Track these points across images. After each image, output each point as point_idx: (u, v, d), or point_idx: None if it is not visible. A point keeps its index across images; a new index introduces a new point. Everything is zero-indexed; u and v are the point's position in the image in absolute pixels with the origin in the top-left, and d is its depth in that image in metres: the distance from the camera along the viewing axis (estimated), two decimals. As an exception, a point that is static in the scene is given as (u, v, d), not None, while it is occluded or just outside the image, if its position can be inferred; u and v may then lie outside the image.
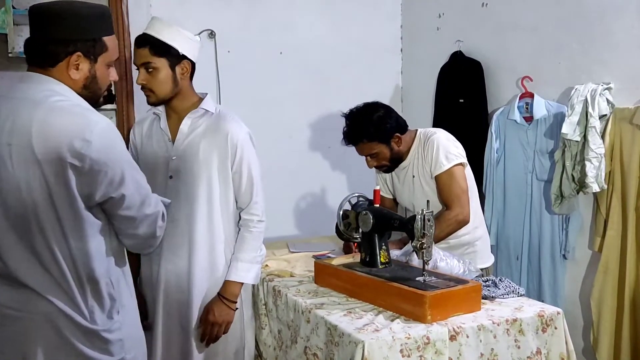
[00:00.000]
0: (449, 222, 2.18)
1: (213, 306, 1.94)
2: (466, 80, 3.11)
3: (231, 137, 1.94)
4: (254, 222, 1.99)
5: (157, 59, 1.86)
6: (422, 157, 2.29)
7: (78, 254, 1.31)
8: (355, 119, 2.29)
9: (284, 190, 3.31)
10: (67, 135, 1.24)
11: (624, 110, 2.42)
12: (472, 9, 3.15)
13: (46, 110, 1.26)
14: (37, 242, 1.28)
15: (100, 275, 1.35)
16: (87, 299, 1.33)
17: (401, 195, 2.45)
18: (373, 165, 2.34)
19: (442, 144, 2.24)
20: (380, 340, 1.58)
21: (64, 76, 1.35)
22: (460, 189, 2.21)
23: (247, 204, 1.98)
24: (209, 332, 1.94)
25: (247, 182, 1.97)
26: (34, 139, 1.23)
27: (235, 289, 1.96)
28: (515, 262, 2.91)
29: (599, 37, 2.54)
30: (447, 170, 2.21)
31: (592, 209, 2.63)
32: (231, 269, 1.96)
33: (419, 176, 2.31)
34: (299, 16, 3.35)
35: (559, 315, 1.82)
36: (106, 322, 1.36)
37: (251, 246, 1.98)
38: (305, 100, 3.38)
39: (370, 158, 2.31)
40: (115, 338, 1.38)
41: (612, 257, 2.49)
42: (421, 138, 2.31)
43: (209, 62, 3.13)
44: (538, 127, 2.77)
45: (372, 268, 1.99)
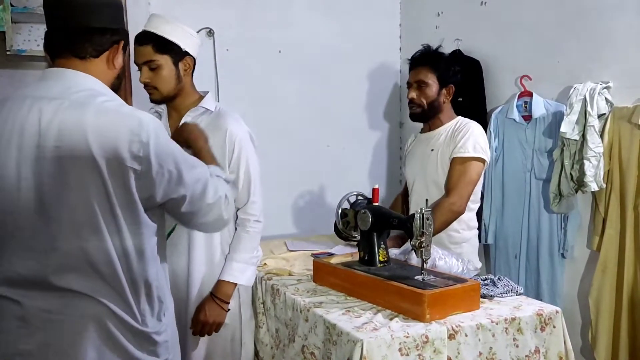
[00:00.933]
0: (443, 210, 2.17)
1: (205, 305, 1.92)
2: (465, 78, 3.10)
3: (230, 135, 1.92)
4: (251, 222, 1.97)
5: (160, 56, 1.86)
6: (451, 137, 2.30)
7: (133, 257, 1.29)
8: (432, 49, 2.39)
9: (282, 188, 3.31)
10: (125, 139, 1.22)
11: (623, 109, 2.42)
12: (471, 7, 3.15)
13: (97, 112, 1.23)
14: (90, 245, 1.24)
15: (153, 279, 1.34)
16: (140, 302, 1.31)
17: (408, 168, 2.49)
18: (413, 95, 2.33)
19: (476, 133, 2.28)
20: (379, 339, 1.58)
21: (101, 67, 1.33)
22: (468, 180, 2.22)
23: (244, 203, 1.97)
24: (198, 331, 1.93)
25: (245, 181, 1.95)
26: (91, 142, 1.20)
27: (228, 289, 1.94)
28: (513, 261, 2.91)
29: (598, 36, 2.54)
30: (467, 158, 2.22)
31: (590, 208, 2.63)
32: (225, 269, 1.94)
33: (438, 152, 2.32)
34: (297, 14, 3.35)
35: (557, 314, 1.82)
36: (156, 325, 1.36)
37: (247, 246, 1.97)
38: (304, 98, 3.38)
39: (417, 87, 2.33)
40: (163, 340, 1.37)
41: (611, 256, 2.49)
42: (459, 121, 2.36)
43: (207, 60, 3.12)
44: (537, 126, 2.77)
45: (370, 267, 1.98)
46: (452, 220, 2.22)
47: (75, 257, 1.24)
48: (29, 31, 2.69)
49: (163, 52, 1.86)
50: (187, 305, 1.95)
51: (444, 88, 2.33)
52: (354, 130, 3.56)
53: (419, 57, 2.37)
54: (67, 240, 1.24)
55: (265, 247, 2.64)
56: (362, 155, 3.60)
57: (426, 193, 2.31)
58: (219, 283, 1.94)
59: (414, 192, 2.43)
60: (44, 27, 1.36)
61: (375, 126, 3.62)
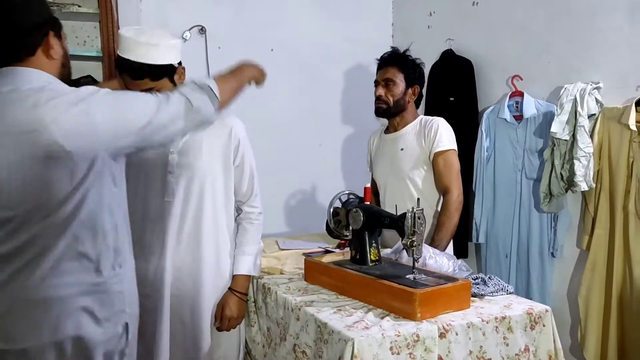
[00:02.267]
0: (455, 205, 2.31)
1: (229, 301, 1.98)
2: (457, 78, 3.12)
3: (235, 132, 1.98)
4: (255, 215, 2.06)
5: (157, 83, 1.83)
6: (420, 134, 2.39)
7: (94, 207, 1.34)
8: (400, 51, 2.49)
9: (274, 187, 3.30)
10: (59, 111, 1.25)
11: (613, 109, 2.44)
12: (463, 7, 3.16)
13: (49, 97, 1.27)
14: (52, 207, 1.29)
15: (108, 229, 1.38)
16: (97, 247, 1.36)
17: (377, 167, 2.56)
18: (380, 93, 2.43)
19: (445, 127, 2.39)
20: (370, 337, 1.58)
21: (41, 62, 1.34)
22: (456, 171, 2.36)
23: (249, 196, 2.04)
24: (225, 327, 1.98)
25: (249, 176, 2.03)
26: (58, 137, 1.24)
27: (245, 281, 2.03)
28: (504, 260, 2.93)
29: (589, 36, 2.55)
30: (447, 152, 2.34)
31: (580, 207, 2.65)
32: (239, 263, 2.01)
33: (408, 150, 2.41)
34: (290, 13, 3.35)
35: (547, 313, 1.83)
36: (110, 274, 1.39)
37: (254, 238, 2.05)
38: (296, 97, 3.38)
39: (384, 85, 2.42)
40: (118, 290, 1.41)
41: (600, 256, 2.51)
42: (423, 119, 2.45)
43: (199, 58, 3.11)
44: (528, 126, 2.79)
45: (362, 266, 1.98)
46: (461, 209, 2.35)
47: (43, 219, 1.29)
48: None
49: (159, 78, 1.83)
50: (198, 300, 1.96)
51: (410, 88, 2.42)
52: (346, 129, 3.56)
53: (388, 57, 2.47)
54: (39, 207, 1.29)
55: (257, 245, 2.64)
56: (353, 154, 3.60)
57: (400, 191, 2.41)
58: (236, 278, 2.00)
59: (388, 191, 2.50)
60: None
61: (367, 125, 3.60)
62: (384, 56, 2.48)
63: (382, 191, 2.54)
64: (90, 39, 2.92)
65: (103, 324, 1.37)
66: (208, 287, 1.97)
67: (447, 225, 2.28)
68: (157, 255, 1.95)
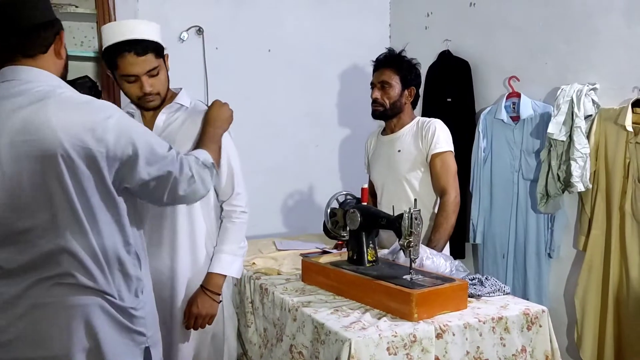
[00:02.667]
0: (452, 207, 2.31)
1: (197, 298, 1.92)
2: (454, 79, 3.13)
3: None
4: (237, 213, 1.96)
5: (159, 61, 1.82)
6: (417, 136, 2.39)
7: (107, 236, 1.33)
8: (395, 52, 2.48)
9: (271, 187, 3.30)
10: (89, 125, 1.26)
11: (609, 110, 2.45)
12: (460, 8, 3.17)
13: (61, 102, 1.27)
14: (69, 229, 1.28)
15: (126, 256, 1.37)
16: (115, 279, 1.35)
17: (376, 169, 2.56)
18: (377, 95, 2.42)
19: (442, 128, 2.39)
20: (367, 338, 1.58)
21: (51, 61, 1.35)
22: (453, 173, 2.36)
23: (229, 195, 1.95)
24: (192, 325, 1.92)
25: (228, 173, 1.94)
26: (59, 132, 1.23)
27: (218, 280, 1.94)
28: (501, 261, 2.93)
29: (585, 37, 2.56)
30: (444, 154, 2.35)
31: (577, 208, 2.66)
32: (214, 261, 1.94)
33: (405, 152, 2.41)
34: (287, 13, 3.35)
35: (543, 314, 1.83)
36: (134, 301, 1.39)
37: (234, 237, 1.96)
38: (293, 97, 3.38)
39: (380, 87, 2.41)
40: (140, 315, 1.41)
41: (596, 256, 2.52)
42: (420, 121, 2.45)
43: (196, 58, 3.11)
44: (524, 127, 2.79)
45: (359, 266, 1.99)
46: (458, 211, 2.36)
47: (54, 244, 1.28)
48: None
49: (160, 56, 1.82)
50: (172, 304, 1.94)
51: (406, 89, 2.42)
52: (343, 129, 3.57)
53: (383, 59, 2.46)
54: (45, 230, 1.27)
55: (254, 246, 2.64)
56: (350, 154, 3.60)
57: (397, 192, 2.42)
58: (209, 275, 1.93)
59: (386, 192, 2.50)
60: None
61: (364, 126, 3.61)
62: (379, 58, 2.48)
63: (380, 192, 2.54)
64: (87, 39, 2.91)
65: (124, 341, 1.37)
66: (183, 289, 1.94)
67: (445, 226, 2.28)
68: None
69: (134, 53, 1.76)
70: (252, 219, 2.03)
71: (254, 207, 2.06)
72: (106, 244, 1.33)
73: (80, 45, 2.90)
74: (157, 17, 2.98)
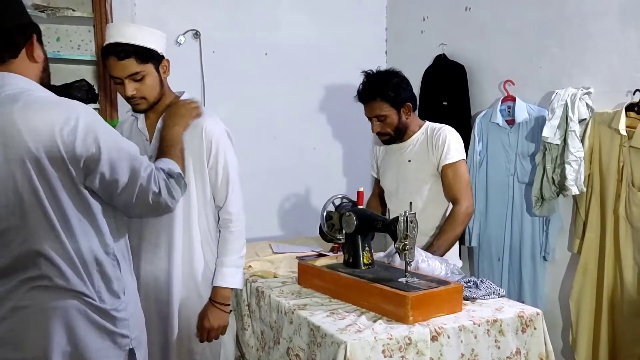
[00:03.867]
0: (462, 216, 2.25)
1: (207, 312, 1.94)
2: (449, 83, 3.14)
3: (206, 132, 1.91)
4: (233, 222, 1.96)
5: (144, 66, 1.82)
6: (427, 145, 2.32)
7: (82, 237, 1.32)
8: (374, 77, 2.30)
9: (267, 190, 3.31)
10: (56, 125, 1.25)
11: (603, 114, 2.46)
12: (456, 12, 3.18)
13: (27, 105, 1.26)
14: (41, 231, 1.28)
15: (104, 257, 1.37)
16: (94, 280, 1.35)
17: (387, 178, 2.48)
18: (377, 129, 2.33)
19: (454, 136, 2.32)
20: (363, 340, 1.59)
21: (24, 65, 1.34)
22: (465, 182, 2.29)
23: (223, 200, 1.96)
24: (205, 338, 1.95)
25: (223, 178, 1.94)
26: (24, 134, 1.23)
27: (225, 292, 1.96)
28: (496, 263, 2.94)
29: (580, 42, 2.58)
30: (456, 163, 2.28)
31: (571, 211, 2.67)
32: (217, 274, 1.95)
33: (415, 162, 2.34)
34: (284, 17, 3.36)
35: (538, 316, 1.84)
36: (114, 302, 1.39)
37: (234, 247, 1.97)
38: (290, 101, 3.39)
39: (377, 121, 2.31)
40: (122, 317, 1.40)
41: (591, 259, 2.53)
42: (429, 128, 2.37)
43: (193, 62, 3.12)
44: (520, 130, 2.81)
45: (355, 269, 2.00)
46: (468, 222, 2.33)
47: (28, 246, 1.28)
48: None
49: (146, 62, 1.83)
50: (169, 307, 1.94)
51: (401, 109, 2.30)
52: (340, 133, 3.58)
53: (366, 91, 2.30)
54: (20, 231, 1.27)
55: (251, 249, 2.64)
56: (347, 158, 3.62)
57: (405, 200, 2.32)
58: (215, 289, 1.95)
59: (395, 199, 2.43)
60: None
61: (361, 129, 3.61)
62: (360, 91, 2.31)
63: (389, 200, 2.48)
64: (84, 42, 2.92)
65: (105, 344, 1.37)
66: (179, 293, 1.95)
67: (450, 234, 2.22)
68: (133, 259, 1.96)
69: (115, 56, 1.80)
70: (249, 221, 2.03)
71: (250, 210, 2.07)
72: (81, 245, 1.32)
73: (77, 49, 2.91)
74: (154, 20, 3.01)
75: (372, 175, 2.68)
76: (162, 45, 1.88)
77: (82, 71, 2.87)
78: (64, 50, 2.86)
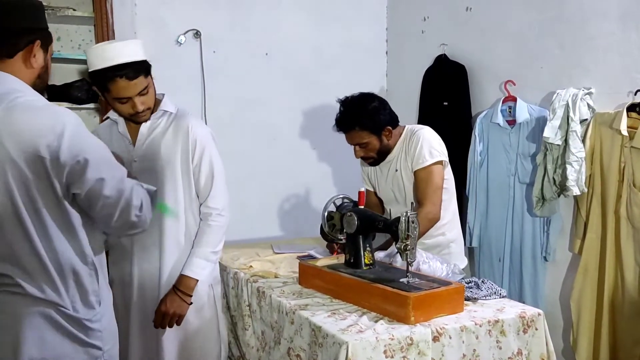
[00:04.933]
0: (421, 220, 2.12)
1: (166, 297, 1.95)
2: (450, 83, 3.14)
3: (192, 131, 1.95)
4: (213, 216, 1.98)
5: (148, 79, 1.87)
6: (406, 152, 2.31)
7: (60, 247, 1.31)
8: (350, 106, 2.28)
9: (268, 191, 3.31)
10: (39, 132, 1.23)
11: (604, 114, 2.46)
12: (457, 13, 3.18)
13: (8, 108, 1.25)
14: (15, 239, 1.27)
15: (82, 267, 1.36)
16: (69, 289, 1.34)
17: (382, 189, 2.47)
18: (360, 155, 2.33)
19: (426, 139, 2.26)
20: (364, 341, 1.59)
21: (18, 67, 1.33)
22: (435, 186, 2.23)
23: (205, 196, 1.98)
24: (159, 323, 1.95)
25: (208, 175, 1.97)
26: (4, 139, 1.22)
27: (190, 282, 1.96)
28: (497, 264, 2.94)
29: (581, 42, 2.58)
30: (427, 168, 2.23)
31: (572, 211, 2.67)
32: (187, 263, 1.96)
33: (401, 170, 2.33)
34: (284, 17, 3.36)
35: (539, 317, 1.84)
36: (88, 312, 1.37)
37: (208, 240, 1.98)
38: (290, 101, 3.39)
39: (359, 148, 2.31)
40: (96, 328, 1.39)
41: (592, 259, 2.53)
42: (407, 133, 2.34)
43: (194, 62, 3.12)
44: (520, 131, 2.81)
45: (356, 269, 2.00)
46: (430, 228, 2.22)
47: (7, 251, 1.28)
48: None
49: (148, 74, 1.87)
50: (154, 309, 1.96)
51: (381, 132, 2.28)
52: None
53: (344, 121, 2.29)
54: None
55: (251, 249, 2.65)
56: (348, 158, 3.59)
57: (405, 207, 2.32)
58: (181, 277, 1.96)
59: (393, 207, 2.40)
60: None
61: (361, 129, 3.63)
62: (338, 120, 2.31)
63: (388, 208, 2.47)
64: (84, 42, 2.91)
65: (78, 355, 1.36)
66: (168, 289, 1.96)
67: None
68: (125, 260, 1.98)
69: (125, 78, 1.80)
70: (249, 222, 2.04)
71: (251, 211, 2.07)
72: (58, 253, 1.31)
73: (77, 48, 2.90)
74: (155, 20, 3.01)
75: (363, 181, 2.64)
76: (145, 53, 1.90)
77: (82, 71, 2.87)
78: (65, 49, 2.86)
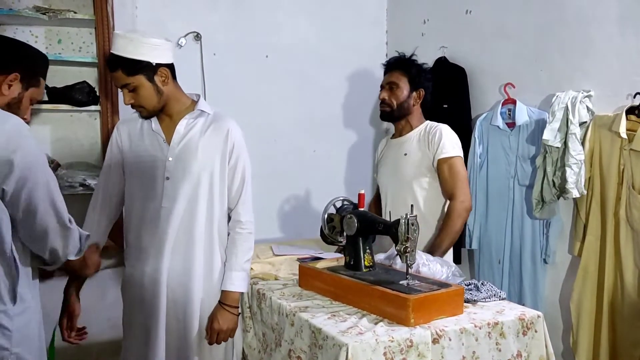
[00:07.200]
0: (459, 211, 2.28)
1: (217, 314, 1.96)
2: (450, 85, 3.15)
3: (231, 135, 1.97)
4: (242, 223, 2.01)
5: (133, 78, 1.84)
6: (424, 140, 2.38)
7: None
8: (406, 56, 2.50)
9: (268, 193, 3.31)
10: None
11: (604, 117, 2.47)
12: (456, 15, 3.19)
13: None
14: None
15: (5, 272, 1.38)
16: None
17: (381, 170, 2.55)
18: (384, 96, 2.45)
19: (448, 133, 2.38)
20: (364, 343, 1.59)
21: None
22: (462, 177, 2.34)
23: (236, 201, 2.00)
24: (214, 340, 1.96)
25: (240, 180, 2.00)
26: None
27: (235, 295, 1.99)
28: (497, 266, 2.94)
29: (580, 45, 2.59)
30: (452, 159, 2.33)
31: (572, 214, 2.68)
32: (226, 278, 1.98)
33: (411, 155, 2.40)
34: (285, 19, 3.37)
35: (539, 319, 1.85)
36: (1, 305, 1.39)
37: (242, 249, 2.00)
38: (291, 103, 3.40)
39: (388, 88, 2.44)
40: (5, 324, 1.39)
41: (591, 262, 2.53)
42: (428, 125, 2.45)
43: (194, 64, 3.13)
44: (520, 133, 2.81)
45: (356, 271, 2.00)
46: (467, 218, 2.34)
47: None
48: (14, 33, 2.68)
49: (134, 74, 1.84)
50: (190, 305, 1.96)
51: (414, 91, 2.43)
52: (340, 135, 3.58)
53: (393, 61, 2.50)
54: None
55: (251, 251, 2.64)
56: (348, 160, 3.62)
57: (403, 196, 2.40)
58: (225, 293, 1.98)
59: (389, 195, 2.50)
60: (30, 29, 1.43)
61: (362, 132, 3.64)
62: (389, 60, 2.52)
63: (384, 196, 2.53)
64: (85, 45, 2.92)
65: None
66: (199, 292, 1.97)
67: (447, 230, 2.25)
68: (153, 259, 1.95)
69: (108, 67, 1.88)
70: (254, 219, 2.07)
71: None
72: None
73: (78, 51, 2.91)
74: (155, 23, 3.01)
75: (374, 177, 2.70)
76: (157, 54, 1.87)
77: (83, 73, 2.87)
78: (65, 52, 2.87)
